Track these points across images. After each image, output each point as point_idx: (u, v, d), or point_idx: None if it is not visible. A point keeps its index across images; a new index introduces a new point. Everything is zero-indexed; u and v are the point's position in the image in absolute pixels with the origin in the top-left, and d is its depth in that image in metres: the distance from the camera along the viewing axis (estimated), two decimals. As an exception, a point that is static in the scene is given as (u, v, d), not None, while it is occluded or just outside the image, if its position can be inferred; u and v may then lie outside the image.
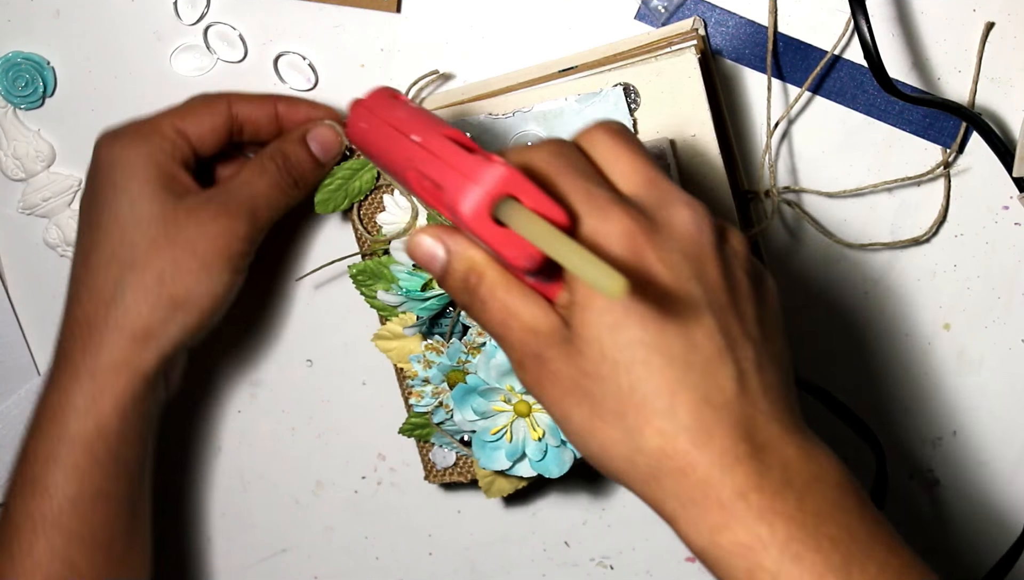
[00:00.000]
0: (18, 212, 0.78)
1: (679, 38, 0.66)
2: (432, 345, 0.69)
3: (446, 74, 0.72)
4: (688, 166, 0.66)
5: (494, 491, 0.72)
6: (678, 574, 0.81)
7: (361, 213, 0.70)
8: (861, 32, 0.62)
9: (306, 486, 0.83)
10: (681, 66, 0.64)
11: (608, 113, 0.65)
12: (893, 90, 0.64)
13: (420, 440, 0.73)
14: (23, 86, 0.75)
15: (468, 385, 0.67)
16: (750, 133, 0.71)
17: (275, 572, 0.85)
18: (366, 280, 0.69)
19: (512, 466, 0.68)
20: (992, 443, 0.77)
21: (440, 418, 0.70)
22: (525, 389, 0.54)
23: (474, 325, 0.67)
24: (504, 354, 0.65)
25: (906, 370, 0.76)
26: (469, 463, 0.73)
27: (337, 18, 0.73)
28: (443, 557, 0.83)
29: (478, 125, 0.66)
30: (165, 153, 0.64)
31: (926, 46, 0.70)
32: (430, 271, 0.52)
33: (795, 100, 0.71)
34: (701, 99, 0.65)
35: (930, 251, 0.73)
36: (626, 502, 0.80)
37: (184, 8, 0.73)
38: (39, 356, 0.81)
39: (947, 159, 0.71)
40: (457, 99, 0.70)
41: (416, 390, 0.70)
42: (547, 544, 0.82)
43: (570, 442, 0.51)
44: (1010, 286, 0.74)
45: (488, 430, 0.67)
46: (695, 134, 0.65)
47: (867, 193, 0.72)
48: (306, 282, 0.78)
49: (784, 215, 0.72)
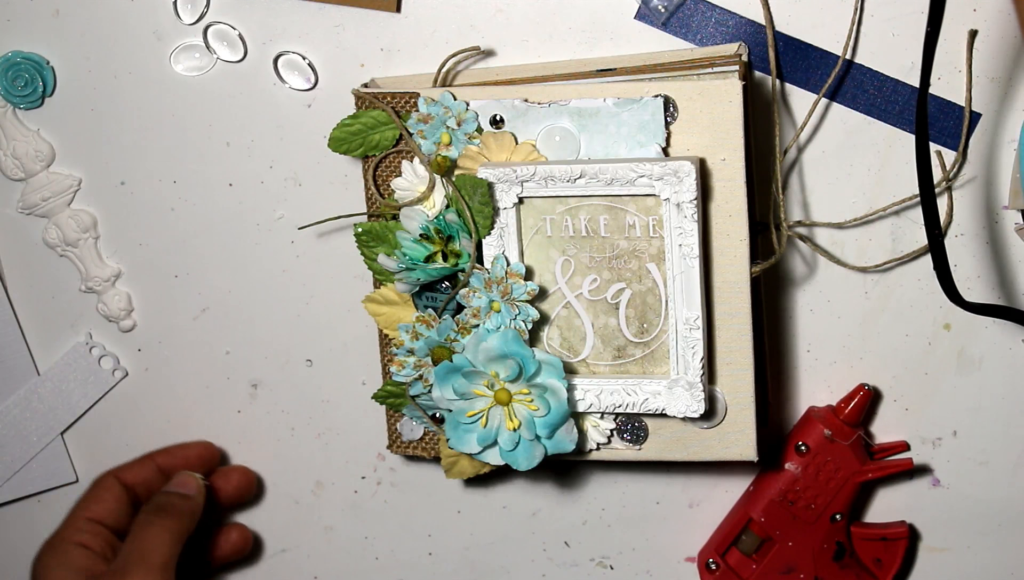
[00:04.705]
0: (17, 212, 0.78)
1: (722, 60, 0.67)
2: (423, 318, 0.69)
3: (487, 51, 0.72)
4: (712, 189, 0.66)
5: (455, 472, 0.72)
6: (678, 574, 0.81)
7: (376, 174, 0.70)
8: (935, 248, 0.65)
9: (306, 486, 0.83)
10: (724, 90, 0.64)
11: (644, 122, 0.65)
12: (960, 301, 0.66)
13: (391, 409, 0.73)
14: (23, 86, 0.75)
15: (453, 364, 0.67)
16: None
17: (275, 572, 0.85)
18: (370, 241, 0.69)
19: (481, 451, 0.68)
20: (992, 443, 0.77)
21: (417, 391, 0.70)
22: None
23: (469, 305, 0.67)
24: (495, 340, 0.66)
25: (906, 370, 0.76)
26: (435, 440, 0.73)
27: (337, 18, 0.73)
28: (443, 557, 0.83)
29: (512, 109, 0.66)
30: (75, 556, 0.73)
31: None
32: None
33: (808, 114, 0.71)
34: (737, 125, 0.64)
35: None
36: (626, 502, 0.80)
37: (184, 8, 0.73)
38: (39, 356, 0.81)
39: (948, 174, 0.71)
40: (491, 78, 0.70)
41: (399, 359, 0.70)
42: (547, 544, 0.82)
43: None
44: (1010, 286, 0.74)
45: (464, 412, 0.67)
46: (725, 159, 0.65)
47: (875, 218, 0.72)
48: (306, 282, 0.78)
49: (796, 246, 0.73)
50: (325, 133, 0.70)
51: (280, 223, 0.77)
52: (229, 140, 0.76)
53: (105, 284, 0.78)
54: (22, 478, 0.83)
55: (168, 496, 0.75)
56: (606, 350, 0.69)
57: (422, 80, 0.71)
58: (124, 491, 0.77)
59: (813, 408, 0.76)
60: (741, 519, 0.76)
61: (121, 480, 0.77)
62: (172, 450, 0.80)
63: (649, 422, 0.70)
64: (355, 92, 0.69)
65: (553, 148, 0.66)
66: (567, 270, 0.68)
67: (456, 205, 0.67)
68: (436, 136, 0.67)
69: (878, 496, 0.79)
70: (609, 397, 0.68)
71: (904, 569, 0.79)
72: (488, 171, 0.66)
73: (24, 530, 0.84)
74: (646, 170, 0.64)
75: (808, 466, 0.74)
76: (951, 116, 0.71)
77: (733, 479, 0.79)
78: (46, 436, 0.82)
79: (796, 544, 0.75)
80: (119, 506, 0.76)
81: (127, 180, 0.77)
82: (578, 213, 0.67)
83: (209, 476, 0.80)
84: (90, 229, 0.78)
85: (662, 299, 0.67)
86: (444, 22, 0.72)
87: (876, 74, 0.71)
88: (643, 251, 0.67)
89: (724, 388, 0.69)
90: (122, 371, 0.81)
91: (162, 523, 0.73)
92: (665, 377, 0.68)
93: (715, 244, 0.67)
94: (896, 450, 0.76)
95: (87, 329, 0.80)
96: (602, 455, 0.71)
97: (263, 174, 0.76)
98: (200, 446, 0.81)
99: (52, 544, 0.74)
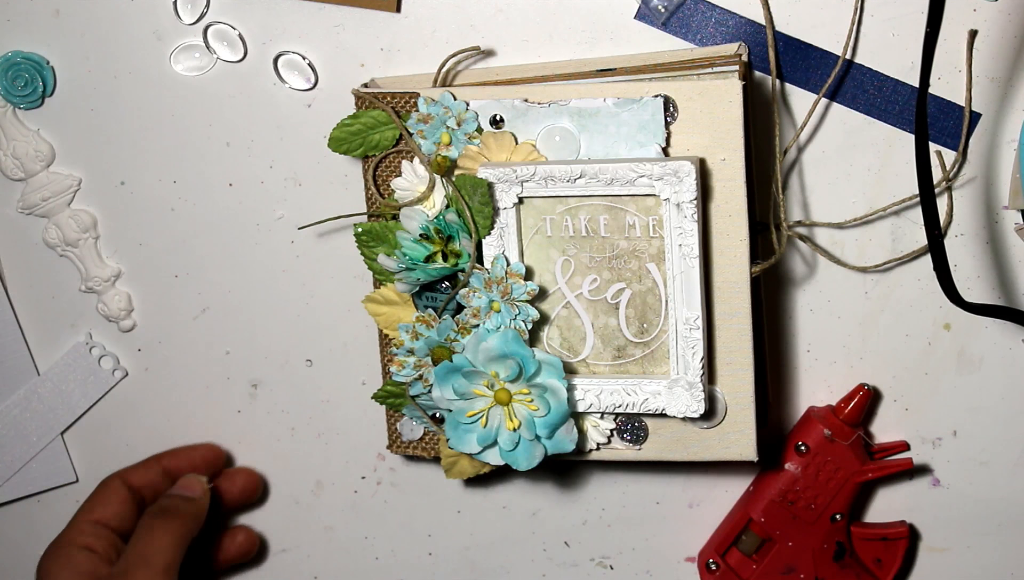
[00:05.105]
0: (17, 212, 0.78)
1: (722, 60, 0.66)
2: (423, 317, 0.69)
3: (487, 51, 0.72)
4: (712, 189, 0.66)
5: (455, 472, 0.72)
6: (678, 574, 0.81)
7: (376, 174, 0.70)
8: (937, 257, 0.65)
9: (306, 486, 0.83)
10: (724, 90, 0.64)
11: (644, 122, 0.65)
12: (960, 301, 0.66)
13: (391, 409, 0.73)
14: (23, 86, 0.75)
15: (453, 364, 0.67)
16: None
17: (275, 572, 0.85)
18: (370, 241, 0.69)
19: (481, 451, 0.68)
20: (992, 443, 0.77)
21: (417, 391, 0.70)
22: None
23: (469, 305, 0.67)
24: (495, 340, 0.66)
25: (906, 370, 0.76)
26: (435, 440, 0.73)
27: (337, 18, 0.73)
28: (443, 557, 0.83)
29: (512, 109, 0.66)
30: (79, 559, 0.73)
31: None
32: None
33: (808, 114, 0.71)
34: (738, 126, 0.64)
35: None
36: (626, 502, 0.80)
37: (184, 8, 0.73)
38: (39, 356, 0.81)
39: (948, 174, 0.71)
40: (491, 78, 0.70)
41: (399, 359, 0.70)
42: (547, 544, 0.82)
43: None
44: (1010, 286, 0.74)
45: (464, 412, 0.67)
46: (725, 159, 0.65)
47: (875, 218, 0.72)
48: (306, 282, 0.78)
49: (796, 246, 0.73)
50: (325, 133, 0.70)
51: (280, 223, 0.77)
52: (229, 140, 0.76)
53: (105, 284, 0.79)
54: (22, 478, 0.83)
55: (172, 499, 0.75)
56: (606, 350, 0.69)
57: (422, 80, 0.71)
58: (129, 493, 0.77)
59: (813, 408, 0.76)
60: (741, 519, 0.76)
61: (126, 482, 0.77)
62: (178, 452, 0.80)
63: (649, 422, 0.70)
64: (355, 92, 0.69)
65: (553, 148, 0.66)
66: (567, 270, 0.68)
67: (456, 205, 0.67)
68: (436, 136, 0.67)
69: (878, 496, 0.79)
70: (609, 397, 0.68)
71: (904, 569, 0.79)
72: (488, 171, 0.66)
73: (24, 530, 0.84)
74: (646, 170, 0.64)
75: (808, 466, 0.74)
76: (951, 116, 0.71)
77: (733, 479, 0.79)
78: (46, 436, 0.82)
79: (796, 544, 0.75)
80: (124, 509, 0.76)
81: (127, 180, 0.77)
82: (578, 213, 0.67)
83: (215, 479, 0.80)
84: (90, 229, 0.78)
85: (662, 299, 0.67)
86: (444, 22, 0.72)
87: (876, 74, 0.71)
88: (643, 251, 0.67)
89: (724, 388, 0.69)
90: (122, 371, 0.81)
91: (165, 526, 0.73)
92: (665, 377, 0.68)
93: (715, 244, 0.67)
94: (896, 450, 0.76)
95: (87, 329, 0.80)
96: (602, 455, 0.71)
97: (263, 174, 0.76)
98: (206, 448, 0.81)
99: (56, 546, 0.74)
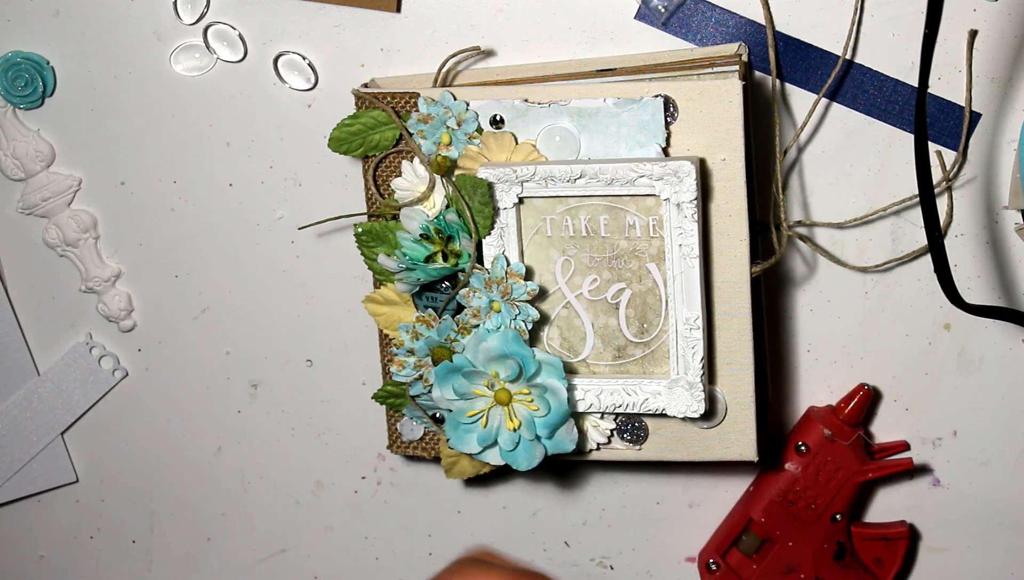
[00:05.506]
0: (18, 212, 0.78)
1: (722, 60, 0.67)
2: (423, 318, 0.69)
3: (487, 51, 0.72)
4: (712, 189, 0.66)
5: (455, 472, 0.72)
6: (678, 574, 0.81)
7: (376, 173, 0.70)
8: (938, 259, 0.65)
9: (306, 486, 0.83)
10: (724, 90, 0.64)
11: (644, 122, 0.65)
12: (960, 302, 0.66)
13: (391, 409, 0.73)
14: (23, 86, 0.75)
15: (453, 364, 0.67)
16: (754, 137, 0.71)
17: (275, 572, 0.85)
18: (370, 241, 0.69)
19: (481, 451, 0.68)
20: (992, 443, 0.77)
21: (417, 391, 0.70)
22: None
23: (469, 305, 0.67)
24: (495, 340, 0.65)
25: (906, 370, 0.76)
26: (435, 440, 0.73)
27: (337, 18, 0.73)
28: (443, 557, 0.83)
29: (512, 109, 0.66)
30: None
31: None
32: None
33: (808, 114, 0.71)
34: (738, 125, 0.65)
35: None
36: (626, 502, 0.80)
37: (184, 8, 0.73)
38: (39, 356, 0.81)
39: (948, 174, 0.71)
40: (491, 78, 0.70)
41: (399, 359, 0.70)
42: (547, 544, 0.82)
43: None
44: (1010, 287, 0.74)
45: (465, 412, 0.67)
46: (725, 159, 0.65)
47: (875, 218, 0.73)
48: (306, 282, 0.78)
49: (796, 246, 0.73)
50: (325, 133, 0.70)
51: (280, 223, 0.77)
52: (229, 140, 0.76)
53: (105, 284, 0.79)
54: (22, 478, 0.83)
55: None
56: (606, 350, 0.69)
57: (422, 80, 0.71)
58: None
59: (813, 408, 0.76)
60: (741, 519, 0.76)
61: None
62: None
63: (649, 422, 0.70)
64: (355, 92, 0.69)
65: (553, 148, 0.66)
66: (567, 270, 0.68)
67: (456, 205, 0.67)
68: (436, 136, 0.67)
69: (878, 496, 0.79)
70: (609, 397, 0.68)
71: (904, 569, 0.79)
72: (488, 171, 0.66)
73: (24, 530, 0.84)
74: (646, 170, 0.64)
75: (808, 466, 0.74)
76: (951, 116, 0.71)
77: (733, 479, 0.79)
78: (46, 436, 0.82)
79: (796, 544, 0.75)
80: None
81: (127, 180, 0.77)
82: (578, 213, 0.67)
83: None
84: (90, 229, 0.78)
85: (662, 299, 0.67)
86: (444, 22, 0.72)
87: (876, 74, 0.71)
88: (643, 251, 0.67)
89: (724, 388, 0.69)
90: (122, 371, 0.81)
91: None
92: (665, 377, 0.68)
93: (715, 244, 0.67)
94: (896, 450, 0.76)
95: (87, 329, 0.80)
96: (602, 455, 0.71)
97: (263, 174, 0.76)
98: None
99: None
